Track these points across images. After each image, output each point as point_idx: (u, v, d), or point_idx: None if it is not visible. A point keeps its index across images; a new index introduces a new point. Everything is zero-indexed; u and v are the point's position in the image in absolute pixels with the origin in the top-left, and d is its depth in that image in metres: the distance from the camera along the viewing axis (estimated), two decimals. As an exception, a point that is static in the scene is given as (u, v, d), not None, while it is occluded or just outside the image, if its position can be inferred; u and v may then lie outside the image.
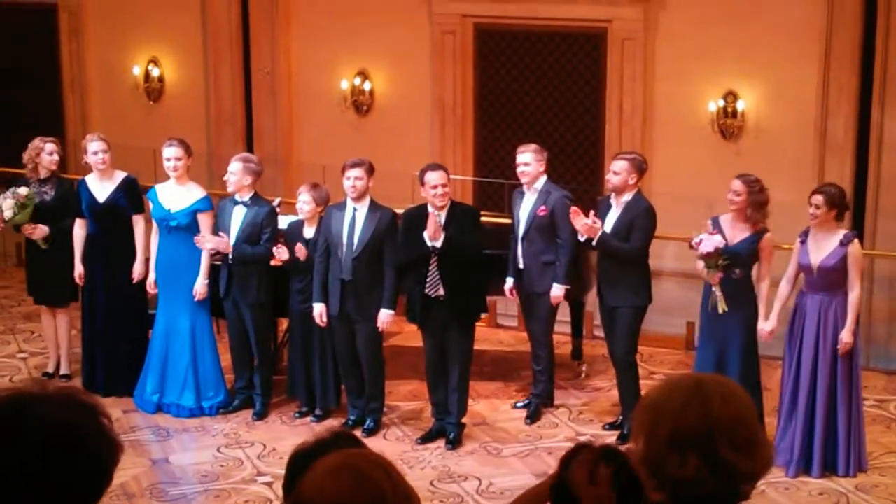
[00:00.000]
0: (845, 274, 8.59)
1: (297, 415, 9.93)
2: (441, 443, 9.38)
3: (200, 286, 9.80)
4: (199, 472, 8.97)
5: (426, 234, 8.93)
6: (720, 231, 8.86)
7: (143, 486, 8.66)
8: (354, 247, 9.29)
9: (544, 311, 9.67)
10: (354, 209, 9.33)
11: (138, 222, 10.15)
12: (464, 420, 9.46)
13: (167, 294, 9.99)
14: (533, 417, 9.82)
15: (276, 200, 10.84)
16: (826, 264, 8.57)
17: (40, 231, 10.17)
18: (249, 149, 13.28)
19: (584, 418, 9.96)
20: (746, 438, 2.88)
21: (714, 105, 11.23)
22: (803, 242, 8.71)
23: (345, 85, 12.85)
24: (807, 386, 8.64)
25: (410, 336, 11.79)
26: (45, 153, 10.28)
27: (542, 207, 9.51)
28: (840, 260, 8.55)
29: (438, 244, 8.95)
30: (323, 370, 9.74)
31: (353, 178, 9.26)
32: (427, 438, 9.44)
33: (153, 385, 10.01)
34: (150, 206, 9.98)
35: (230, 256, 9.67)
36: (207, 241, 9.65)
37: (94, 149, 10.06)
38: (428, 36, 12.43)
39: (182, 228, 9.81)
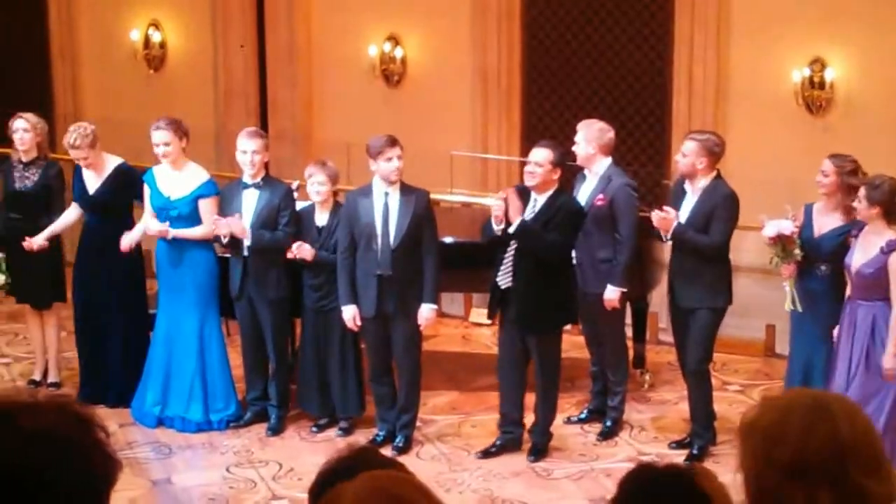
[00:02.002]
0: (887, 285, 8.35)
1: (315, 428, 9.94)
2: (482, 463, 9.38)
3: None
4: (206, 494, 8.96)
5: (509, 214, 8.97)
6: (808, 220, 8.82)
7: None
8: (392, 237, 9.29)
9: (608, 313, 9.61)
10: (386, 194, 9.33)
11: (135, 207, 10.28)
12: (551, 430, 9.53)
13: (169, 293, 9.99)
14: (606, 435, 9.82)
15: (294, 184, 10.86)
16: (864, 271, 8.39)
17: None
18: (263, 125, 13.30)
19: (647, 435, 9.92)
20: (875, 460, 2.85)
21: (798, 74, 11.15)
22: (855, 237, 8.58)
23: (373, 51, 12.85)
24: None
25: (448, 340, 11.82)
26: (12, 132, 10.33)
27: (601, 196, 9.44)
28: (879, 269, 8.35)
29: (499, 229, 8.96)
30: (342, 375, 9.74)
31: (395, 158, 9.26)
32: (489, 453, 9.46)
33: (154, 395, 10.04)
34: (147, 191, 9.97)
35: (245, 244, 9.68)
36: (223, 225, 9.59)
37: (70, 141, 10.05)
38: (468, -5, 12.42)
39: (184, 218, 9.82)
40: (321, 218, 9.63)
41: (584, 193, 9.54)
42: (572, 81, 12.22)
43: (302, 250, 9.51)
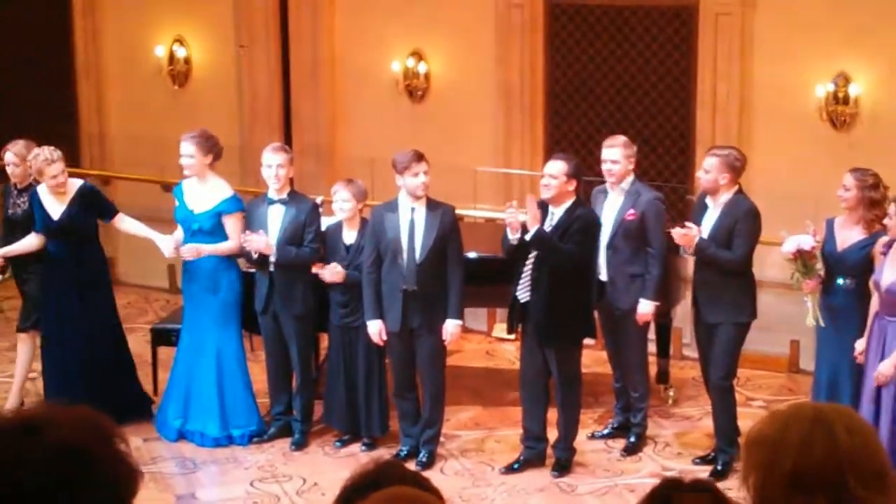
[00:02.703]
0: None
1: (338, 443, 9.95)
2: (506, 478, 9.38)
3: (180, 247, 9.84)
4: (230, 509, 9.03)
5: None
6: (830, 234, 8.80)
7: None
8: (418, 252, 9.31)
9: (633, 329, 9.65)
10: (412, 209, 9.35)
11: (122, 220, 10.25)
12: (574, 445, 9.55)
13: (192, 307, 10.03)
14: (630, 451, 9.81)
15: (319, 199, 10.88)
16: (894, 288, 8.31)
17: None
18: (288, 140, 13.32)
19: (671, 451, 9.91)
20: (876, 472, 2.87)
21: (822, 89, 11.14)
22: (884, 253, 8.47)
23: (396, 67, 12.88)
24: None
25: (471, 355, 11.82)
26: (4, 163, 10.38)
27: (632, 211, 9.47)
28: None
29: (515, 238, 8.97)
30: (368, 393, 9.76)
31: (422, 173, 9.29)
32: (512, 468, 9.45)
33: (176, 409, 10.06)
34: (176, 203, 10.04)
35: (271, 260, 9.69)
36: (252, 242, 9.58)
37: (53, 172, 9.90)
38: (492, 10, 12.42)
39: (205, 232, 9.86)
40: (349, 236, 9.66)
41: (610, 209, 9.55)
42: (595, 97, 12.22)
43: (333, 274, 9.51)
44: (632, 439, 9.85)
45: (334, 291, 9.67)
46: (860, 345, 8.62)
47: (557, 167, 9.13)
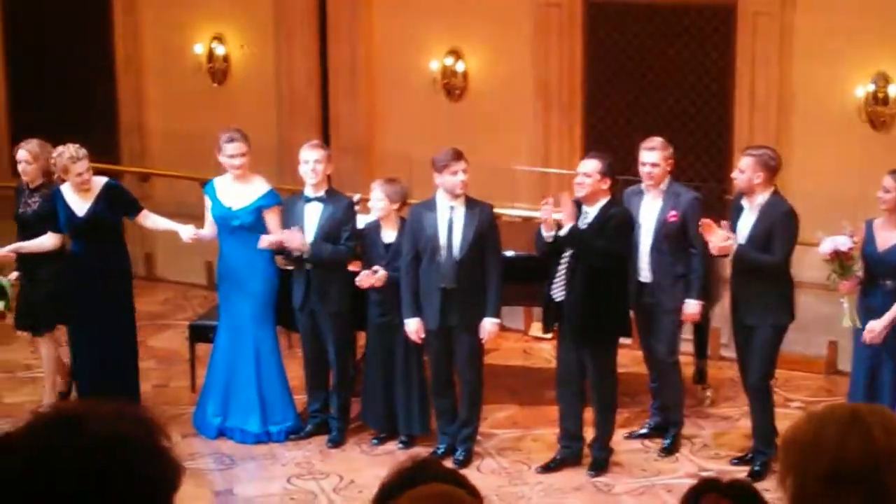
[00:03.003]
0: None
1: (375, 441, 9.99)
2: (542, 477, 9.40)
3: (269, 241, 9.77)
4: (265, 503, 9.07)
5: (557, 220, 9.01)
6: (870, 236, 8.78)
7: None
8: (456, 250, 9.34)
9: (671, 329, 9.68)
10: (451, 207, 9.38)
11: (147, 217, 10.23)
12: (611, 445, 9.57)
13: (230, 303, 10.07)
14: (670, 450, 9.81)
15: (356, 197, 10.91)
16: None
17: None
18: (325, 138, 13.36)
19: (708, 451, 9.90)
20: None
21: (862, 90, 11.11)
22: None
23: (434, 66, 12.90)
24: None
25: (508, 354, 11.83)
26: (17, 161, 10.35)
27: (673, 212, 9.45)
28: None
29: (549, 236, 8.99)
30: (407, 391, 9.79)
31: (460, 171, 9.32)
32: (549, 467, 9.48)
33: (215, 406, 10.11)
34: (208, 202, 10.09)
35: (304, 257, 9.71)
36: (294, 239, 9.64)
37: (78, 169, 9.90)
38: (530, 9, 12.42)
39: (245, 228, 9.89)
40: (388, 235, 9.69)
41: (649, 211, 9.54)
42: (633, 96, 12.22)
43: (378, 279, 9.53)
44: (669, 440, 9.83)
45: (372, 290, 9.69)
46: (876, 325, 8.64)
47: (591, 165, 9.17)
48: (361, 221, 10.06)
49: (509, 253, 10.03)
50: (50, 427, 2.48)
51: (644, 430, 10.06)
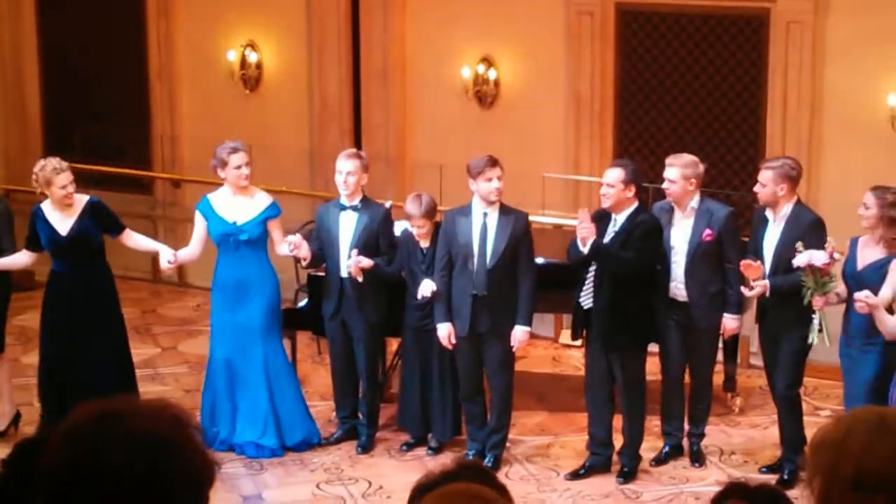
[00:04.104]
0: None
1: (405, 447, 9.99)
2: (571, 484, 9.38)
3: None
4: (293, 507, 9.10)
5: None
6: (853, 253, 8.63)
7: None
8: (488, 258, 9.34)
9: (709, 346, 9.63)
10: (485, 214, 9.38)
11: (129, 236, 9.89)
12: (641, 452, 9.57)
13: (234, 318, 9.84)
14: (700, 459, 9.75)
15: (388, 203, 10.92)
16: None
17: None
18: (357, 145, 13.39)
19: (736, 459, 9.88)
20: None
21: (894, 98, 11.07)
22: None
23: (466, 73, 12.92)
24: None
25: (538, 361, 11.82)
26: None
27: (708, 231, 9.31)
28: None
29: (585, 249, 9.00)
30: (443, 396, 9.79)
31: (495, 178, 9.32)
32: (578, 474, 9.48)
33: (225, 428, 9.89)
34: (202, 221, 9.87)
35: (349, 269, 9.56)
36: (305, 248, 9.56)
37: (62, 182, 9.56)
38: (562, 17, 12.44)
39: (253, 241, 9.77)
40: (423, 242, 9.68)
41: (681, 231, 9.38)
42: (665, 104, 12.21)
43: (365, 264, 9.51)
44: (695, 449, 9.78)
45: (411, 294, 9.69)
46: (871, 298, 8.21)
47: (614, 175, 9.15)
48: (396, 228, 10.05)
49: (539, 260, 10.01)
50: (90, 424, 2.53)
51: (662, 456, 9.85)
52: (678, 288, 9.42)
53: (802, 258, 8.63)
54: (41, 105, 15.06)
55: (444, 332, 9.48)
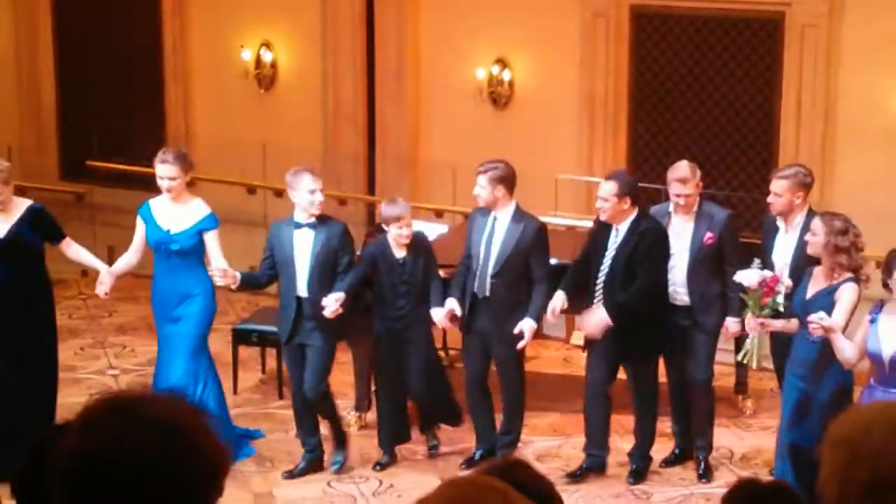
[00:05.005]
0: None
1: (377, 467, 9.74)
2: (581, 485, 9.38)
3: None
4: (308, 508, 9.11)
5: None
6: (805, 282, 8.33)
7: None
8: (492, 262, 9.30)
9: (707, 350, 9.48)
10: (494, 218, 9.34)
11: (69, 245, 9.64)
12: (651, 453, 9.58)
13: (165, 328, 9.65)
14: (707, 475, 9.61)
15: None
16: None
17: None
18: (371, 145, 13.41)
19: (748, 462, 9.87)
20: None
21: (909, 104, 11.08)
22: (873, 321, 7.71)
23: (481, 74, 12.92)
24: None
25: (549, 362, 11.82)
26: None
27: (710, 235, 9.29)
28: None
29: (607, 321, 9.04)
30: (427, 389, 9.57)
31: (477, 186, 9.29)
32: (575, 476, 9.47)
33: None
34: (142, 225, 9.64)
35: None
36: (230, 276, 9.18)
37: None
38: (577, 19, 12.44)
39: (185, 252, 9.48)
40: (399, 252, 9.34)
41: (681, 234, 9.34)
42: (679, 107, 12.21)
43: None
44: (702, 461, 9.65)
45: (387, 305, 9.41)
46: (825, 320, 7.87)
47: (607, 189, 9.07)
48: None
49: (552, 261, 9.99)
50: (106, 414, 2.56)
51: (672, 458, 9.83)
52: (678, 292, 9.39)
53: (751, 278, 8.47)
54: (56, 103, 15.09)
55: (440, 314, 9.25)
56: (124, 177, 13.80)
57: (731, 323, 9.38)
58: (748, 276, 8.48)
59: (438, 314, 9.26)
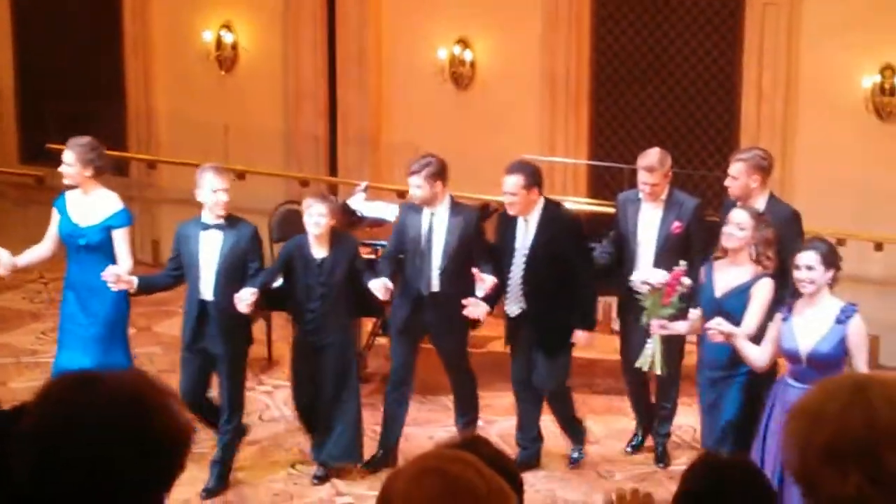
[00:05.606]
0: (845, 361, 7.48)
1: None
2: (547, 462, 9.40)
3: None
4: (271, 490, 9.10)
5: None
6: (708, 279, 8.16)
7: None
8: (436, 258, 9.10)
9: (676, 342, 9.17)
10: (431, 213, 9.11)
11: None
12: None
13: (76, 323, 9.24)
14: (665, 460, 9.59)
15: (363, 185, 10.92)
16: (821, 350, 7.41)
17: None
18: (332, 127, 13.39)
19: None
20: None
21: (869, 80, 11.11)
22: (786, 319, 7.55)
23: (442, 55, 12.90)
24: None
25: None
26: None
27: (677, 224, 9.10)
28: (838, 344, 7.40)
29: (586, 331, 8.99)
30: (343, 419, 9.18)
31: (414, 188, 9.05)
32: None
33: None
34: (56, 217, 9.28)
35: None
36: (119, 280, 8.76)
37: None
38: (538, -2, 12.44)
39: (93, 248, 9.08)
40: (319, 251, 8.98)
41: (650, 223, 9.18)
42: (640, 86, 12.22)
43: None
44: (660, 449, 9.64)
45: (301, 307, 9.09)
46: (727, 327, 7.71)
47: (513, 183, 8.85)
48: (371, 209, 9.88)
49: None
50: (67, 388, 2.57)
51: (639, 440, 9.77)
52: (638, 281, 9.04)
53: (641, 275, 8.39)
54: (14, 86, 15.00)
55: (379, 283, 8.78)
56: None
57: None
58: (654, 274, 8.35)
59: (377, 284, 8.79)
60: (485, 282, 8.77)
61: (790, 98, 11.49)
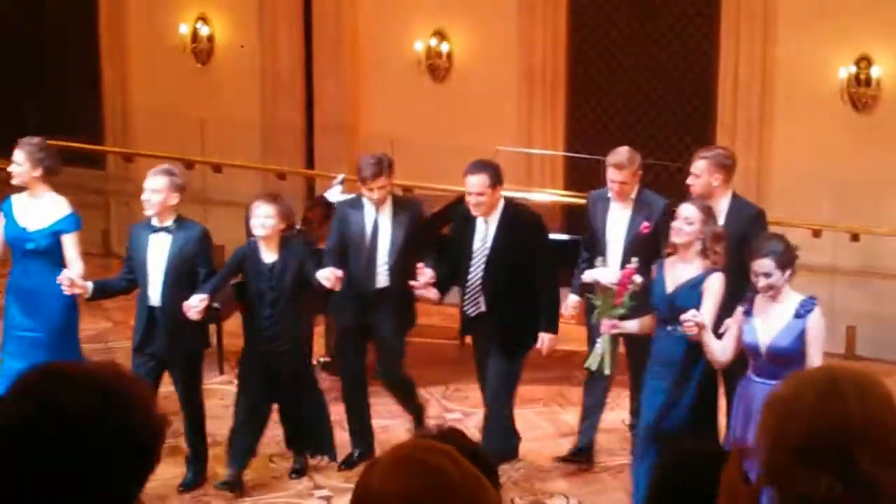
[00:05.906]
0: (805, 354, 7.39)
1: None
2: (525, 454, 9.40)
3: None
4: (249, 482, 9.06)
5: None
6: (660, 276, 8.04)
7: (186, 497, 8.83)
8: (383, 254, 9.01)
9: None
10: (375, 209, 8.97)
11: None
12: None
13: (22, 328, 8.98)
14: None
15: (340, 177, 10.90)
16: (780, 344, 7.40)
17: None
18: (309, 118, 13.38)
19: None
20: (890, 446, 2.69)
21: (845, 71, 11.14)
22: (747, 314, 7.52)
23: (419, 47, 12.90)
24: None
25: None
26: None
27: (646, 224, 8.96)
28: (798, 338, 7.37)
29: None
30: (308, 411, 9.12)
31: (376, 190, 8.87)
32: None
33: None
34: (2, 220, 9.06)
35: (155, 304, 8.69)
36: (73, 285, 8.56)
37: None
38: (514, -10, 12.45)
39: (41, 252, 8.85)
40: (269, 255, 8.74)
41: (618, 222, 9.09)
42: (617, 77, 12.24)
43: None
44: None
45: (256, 313, 8.85)
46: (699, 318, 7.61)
47: (479, 182, 8.68)
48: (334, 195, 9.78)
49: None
50: (40, 381, 2.55)
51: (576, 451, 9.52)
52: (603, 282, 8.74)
53: (591, 274, 8.32)
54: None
55: (327, 272, 8.56)
56: (61, 153, 13.66)
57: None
58: (604, 274, 8.28)
59: (324, 272, 8.49)
60: (425, 275, 8.68)
61: (766, 89, 11.51)
